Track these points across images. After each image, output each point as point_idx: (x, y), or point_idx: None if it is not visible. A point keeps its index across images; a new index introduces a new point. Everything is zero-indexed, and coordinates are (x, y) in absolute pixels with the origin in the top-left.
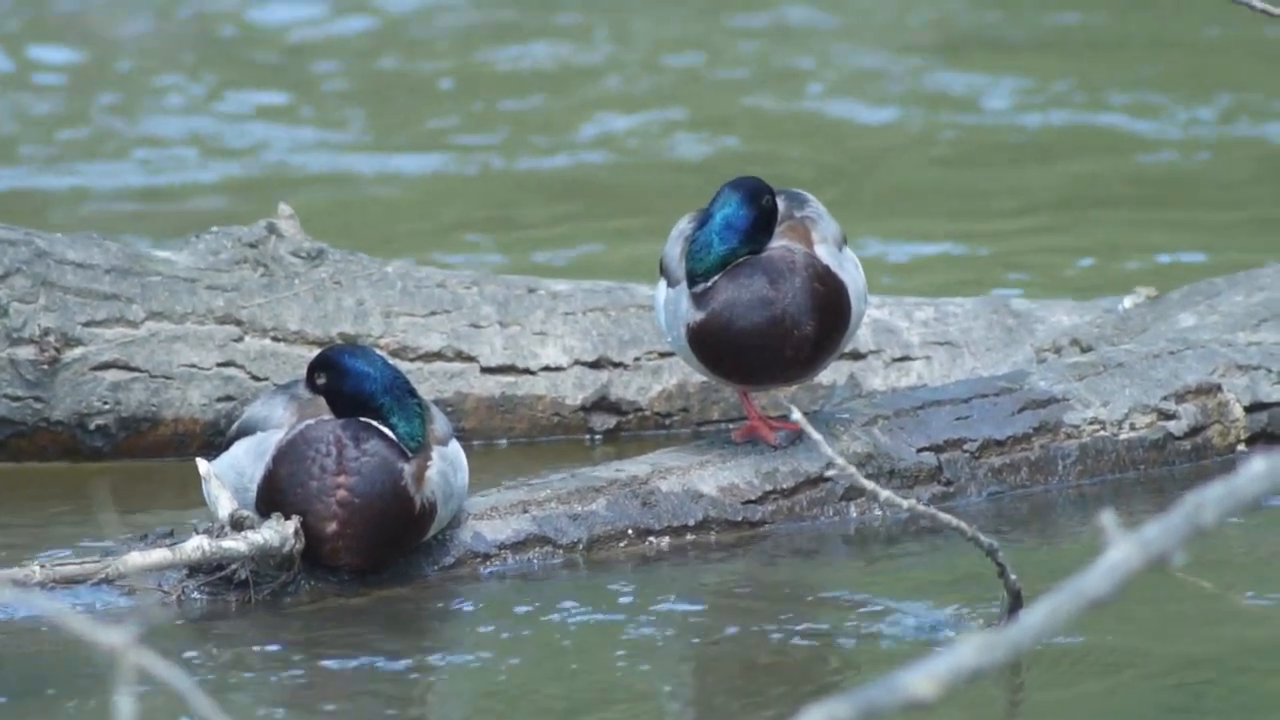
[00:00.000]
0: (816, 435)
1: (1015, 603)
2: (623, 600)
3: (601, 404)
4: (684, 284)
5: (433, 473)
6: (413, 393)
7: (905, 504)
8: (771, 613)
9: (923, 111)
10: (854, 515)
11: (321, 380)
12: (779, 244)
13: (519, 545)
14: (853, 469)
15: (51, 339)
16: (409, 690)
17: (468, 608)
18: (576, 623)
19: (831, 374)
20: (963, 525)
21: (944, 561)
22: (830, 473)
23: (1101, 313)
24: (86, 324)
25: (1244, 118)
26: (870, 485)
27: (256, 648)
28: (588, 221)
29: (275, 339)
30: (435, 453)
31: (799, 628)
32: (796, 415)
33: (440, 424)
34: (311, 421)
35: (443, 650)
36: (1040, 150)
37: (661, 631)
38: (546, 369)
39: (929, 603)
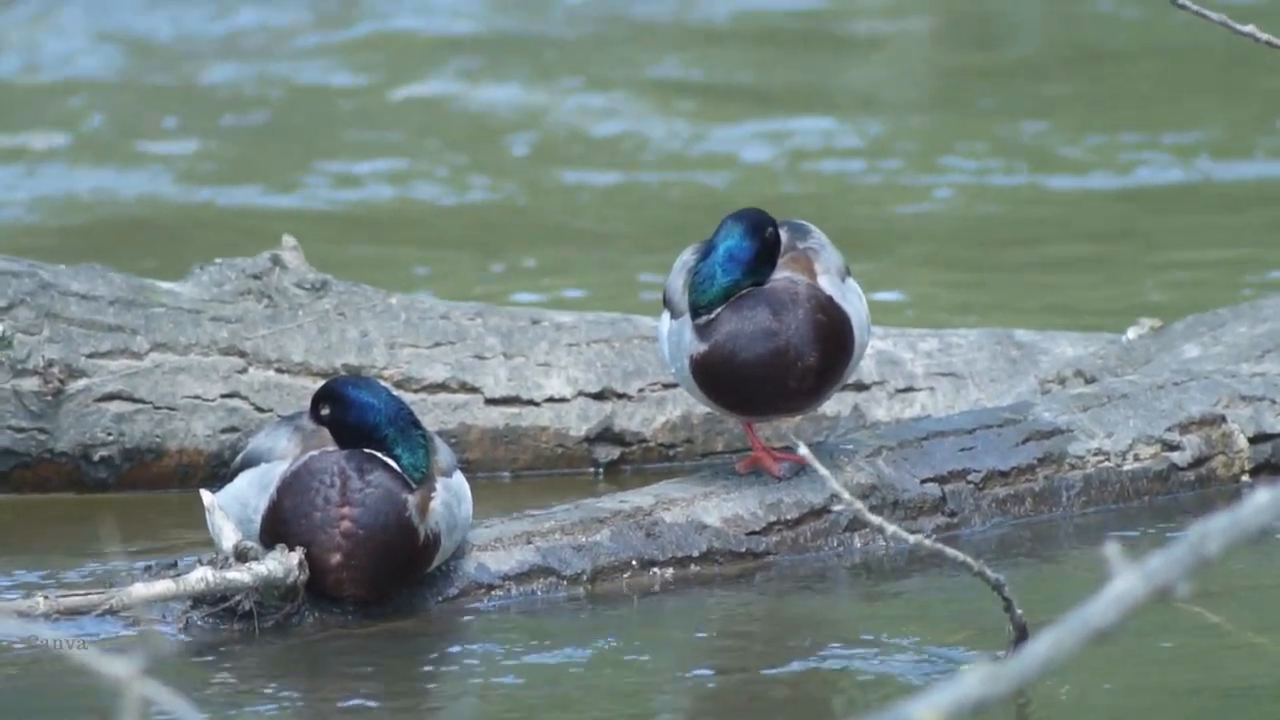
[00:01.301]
0: (824, 471)
1: (1021, 637)
2: (626, 632)
3: (605, 435)
4: (687, 315)
5: (437, 504)
6: (417, 424)
7: (912, 539)
8: (775, 644)
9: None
10: (858, 546)
11: (325, 411)
12: (782, 275)
13: (523, 576)
14: (859, 504)
15: (55, 370)
16: None
17: (471, 639)
18: (580, 654)
19: (835, 405)
20: (969, 560)
21: (948, 592)
22: (837, 507)
23: (1105, 344)
24: (90, 355)
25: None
26: (876, 520)
27: (260, 679)
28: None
29: (279, 370)
30: (439, 484)
31: (803, 659)
32: (803, 450)
33: (444, 455)
34: (315, 453)
35: (446, 682)
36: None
37: (665, 663)
38: (550, 400)
39: (933, 634)
